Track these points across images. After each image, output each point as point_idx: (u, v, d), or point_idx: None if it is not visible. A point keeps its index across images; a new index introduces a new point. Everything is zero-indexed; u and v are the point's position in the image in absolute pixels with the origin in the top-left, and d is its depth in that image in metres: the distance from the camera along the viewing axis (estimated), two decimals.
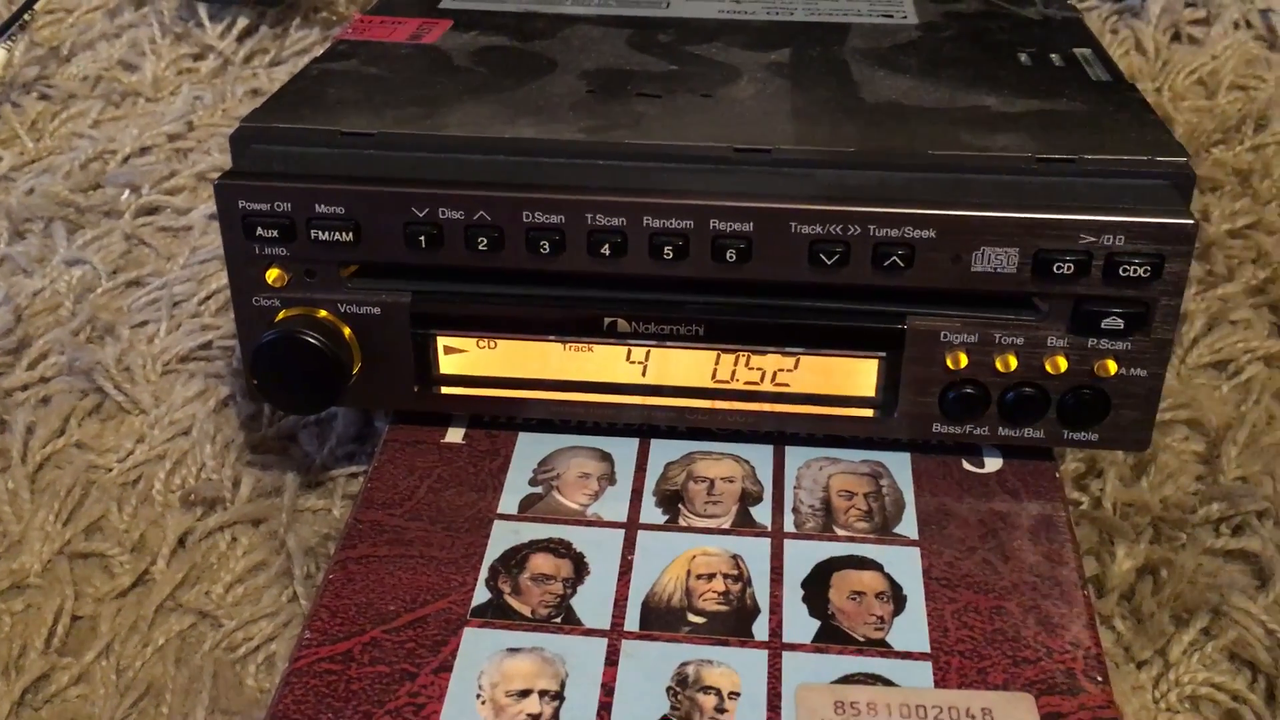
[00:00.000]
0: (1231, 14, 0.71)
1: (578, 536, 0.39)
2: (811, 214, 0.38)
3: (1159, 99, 0.65)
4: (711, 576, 0.38)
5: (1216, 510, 0.43)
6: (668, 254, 0.38)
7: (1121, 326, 0.38)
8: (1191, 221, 0.37)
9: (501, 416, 0.44)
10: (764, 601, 0.37)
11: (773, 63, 0.47)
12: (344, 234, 0.39)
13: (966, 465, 0.42)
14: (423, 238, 0.39)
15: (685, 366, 0.41)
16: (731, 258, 0.38)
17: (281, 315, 0.41)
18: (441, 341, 0.42)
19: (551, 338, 0.41)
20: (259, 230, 0.39)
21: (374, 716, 0.33)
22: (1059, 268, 0.37)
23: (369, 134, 0.40)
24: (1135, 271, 0.37)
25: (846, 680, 0.35)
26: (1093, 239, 0.37)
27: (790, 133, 0.41)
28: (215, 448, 0.47)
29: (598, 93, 0.44)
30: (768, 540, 0.39)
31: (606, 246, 0.38)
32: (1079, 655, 0.35)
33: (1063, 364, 0.39)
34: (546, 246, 0.39)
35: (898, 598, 0.37)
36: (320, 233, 0.39)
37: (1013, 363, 0.39)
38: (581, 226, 0.38)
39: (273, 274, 0.40)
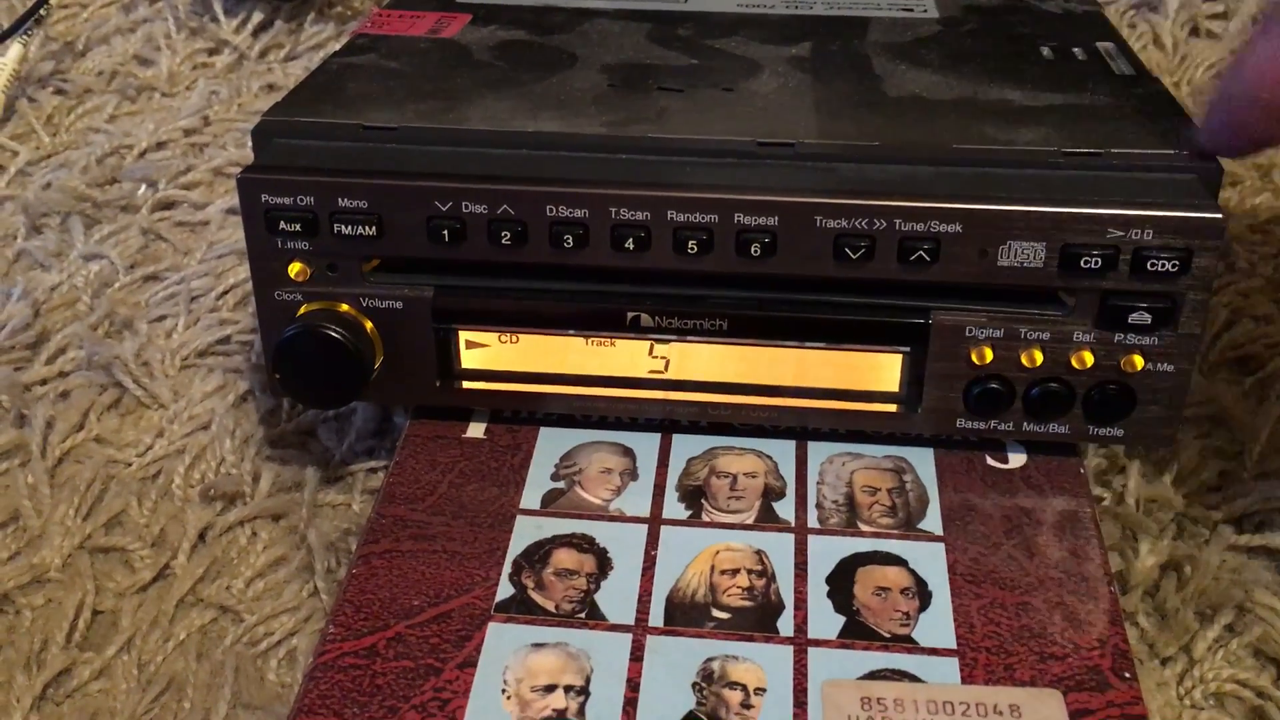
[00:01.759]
0: (1250, 8, 0.71)
1: (601, 532, 0.39)
2: (836, 208, 0.37)
3: (1178, 94, 0.65)
4: (735, 572, 0.38)
5: (1240, 506, 0.43)
6: (692, 248, 0.38)
7: (1149, 321, 0.38)
8: (1220, 215, 0.36)
9: (523, 411, 0.44)
10: (788, 597, 0.37)
11: (793, 56, 0.47)
12: (366, 228, 0.39)
13: (990, 461, 0.42)
14: (445, 232, 0.39)
15: (708, 361, 0.41)
16: (756, 252, 0.38)
17: (303, 310, 0.41)
18: (463, 336, 0.42)
19: (574, 332, 0.41)
20: (281, 224, 0.39)
21: (399, 711, 0.33)
22: (1086, 262, 0.37)
23: (391, 128, 0.40)
24: (1163, 266, 0.37)
25: (872, 676, 0.34)
26: (1120, 233, 0.37)
27: (813, 127, 0.41)
28: (235, 442, 0.47)
29: (619, 87, 0.44)
30: (791, 536, 0.39)
31: (630, 241, 0.38)
32: (1106, 651, 0.35)
33: (1089, 359, 0.39)
34: (570, 241, 0.38)
35: (923, 594, 0.37)
36: (343, 227, 0.39)
37: (1038, 358, 0.39)
38: (605, 221, 0.38)
39: (295, 268, 0.40)
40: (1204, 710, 0.38)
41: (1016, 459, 0.42)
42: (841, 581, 0.37)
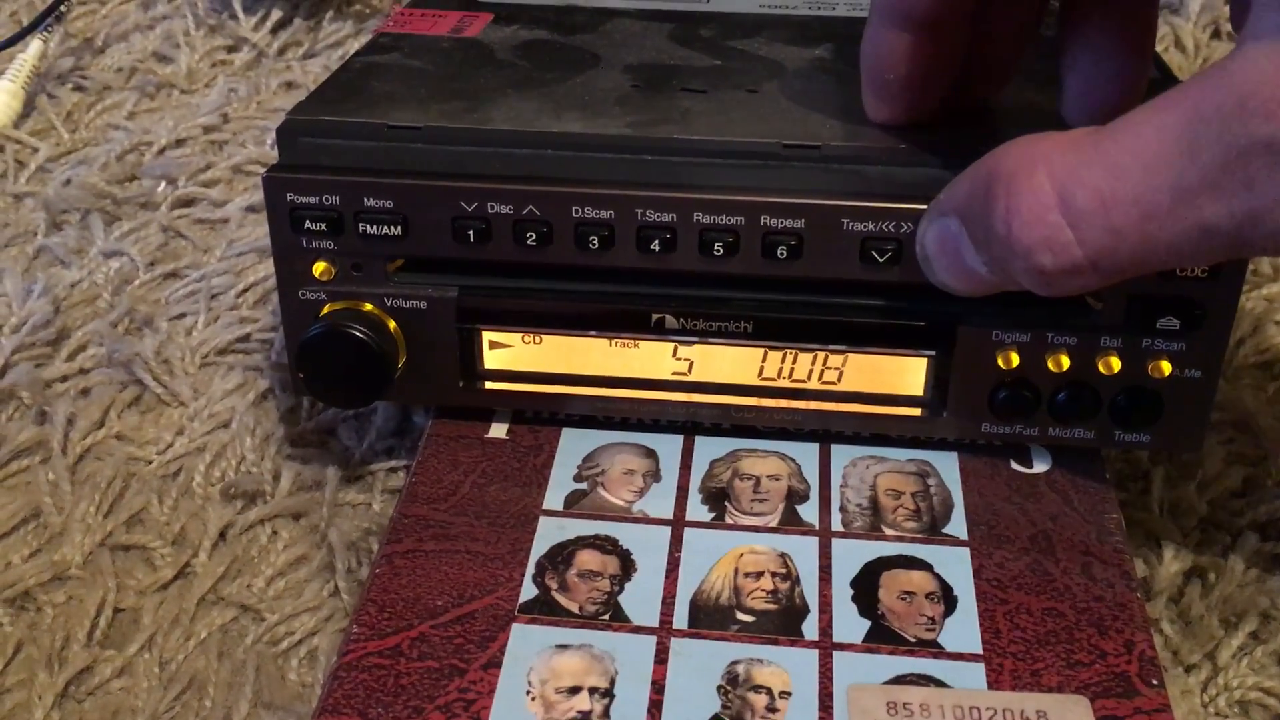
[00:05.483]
0: None
1: (624, 533, 0.39)
2: (863, 211, 0.37)
3: None
4: (760, 575, 0.37)
5: (1264, 512, 0.43)
6: (718, 250, 0.38)
7: (1177, 326, 0.38)
8: None
9: (545, 412, 0.43)
10: (813, 601, 0.37)
11: (817, 58, 0.46)
12: (392, 228, 0.39)
13: (1015, 465, 0.41)
14: (470, 232, 0.39)
15: (732, 363, 0.41)
16: (782, 254, 0.38)
17: (327, 309, 0.41)
18: (487, 336, 0.42)
19: (597, 334, 0.41)
20: (306, 223, 0.39)
21: (424, 711, 0.33)
22: None
23: (416, 128, 0.40)
24: (1192, 270, 0.37)
25: (898, 681, 0.34)
26: None
27: (838, 128, 0.40)
28: (255, 441, 0.47)
29: (642, 88, 0.44)
30: (815, 539, 0.39)
31: (656, 242, 0.38)
32: (1133, 658, 0.35)
33: (1116, 364, 0.39)
34: (595, 242, 0.38)
35: (948, 598, 0.37)
36: (368, 226, 0.39)
37: (1065, 362, 0.39)
38: (631, 222, 0.38)
39: (319, 267, 0.40)
40: (1228, 718, 0.37)
41: (1041, 464, 0.41)
42: (866, 585, 0.37)
